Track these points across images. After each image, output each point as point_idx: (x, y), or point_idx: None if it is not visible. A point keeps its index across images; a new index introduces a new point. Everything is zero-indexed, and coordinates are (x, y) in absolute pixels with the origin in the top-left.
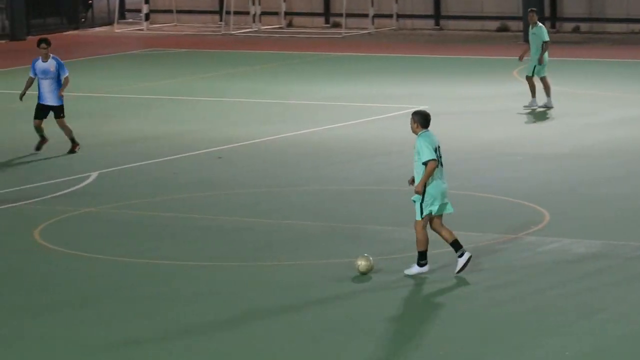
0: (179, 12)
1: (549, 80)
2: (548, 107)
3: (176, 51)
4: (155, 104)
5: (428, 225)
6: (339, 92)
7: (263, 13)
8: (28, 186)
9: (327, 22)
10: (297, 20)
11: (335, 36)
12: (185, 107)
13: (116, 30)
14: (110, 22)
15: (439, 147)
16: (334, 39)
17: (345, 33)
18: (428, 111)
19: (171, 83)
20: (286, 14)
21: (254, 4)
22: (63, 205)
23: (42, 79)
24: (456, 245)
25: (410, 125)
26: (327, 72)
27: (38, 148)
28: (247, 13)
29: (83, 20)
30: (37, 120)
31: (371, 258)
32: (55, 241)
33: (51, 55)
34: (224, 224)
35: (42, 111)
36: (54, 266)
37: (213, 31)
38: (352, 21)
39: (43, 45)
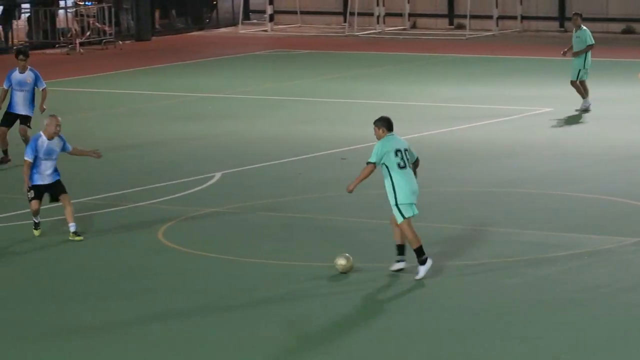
0: (303, 13)
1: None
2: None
3: (300, 52)
4: (279, 104)
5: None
6: (462, 94)
7: (387, 14)
8: (152, 186)
9: (450, 23)
10: (420, 21)
11: (459, 38)
12: (308, 108)
13: (240, 31)
14: (234, 23)
15: (405, 149)
16: (457, 41)
17: (469, 35)
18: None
19: (295, 84)
20: (410, 15)
21: (377, 5)
22: (187, 205)
23: (17, 90)
24: (401, 249)
25: (375, 134)
26: (450, 73)
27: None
28: (371, 14)
29: (208, 21)
30: (2, 128)
31: (351, 258)
32: (178, 241)
33: (29, 67)
34: (349, 225)
35: (9, 119)
36: (179, 266)
37: (337, 32)
38: (476, 23)
39: (21, 57)
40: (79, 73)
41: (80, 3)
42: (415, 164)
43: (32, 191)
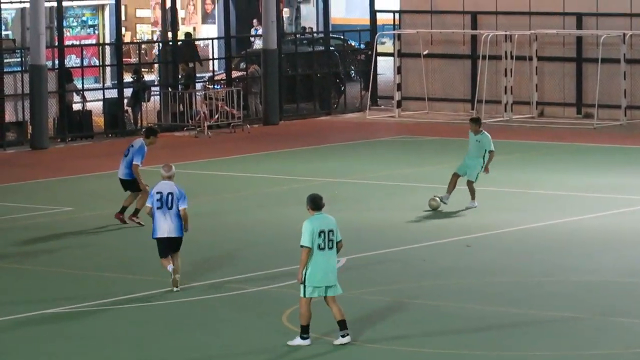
0: (431, 99)
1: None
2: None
3: (427, 139)
4: (405, 190)
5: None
6: (588, 183)
7: (515, 102)
8: (279, 269)
9: (578, 112)
10: (548, 109)
11: (586, 127)
12: (433, 194)
13: (368, 117)
14: (362, 109)
15: (329, 230)
16: (585, 130)
17: (597, 124)
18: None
19: (421, 170)
20: (538, 103)
21: (505, 93)
22: None
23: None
24: (342, 325)
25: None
26: (577, 162)
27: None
28: (499, 102)
29: (335, 106)
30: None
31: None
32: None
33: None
34: (471, 312)
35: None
36: (301, 351)
37: (464, 119)
38: (604, 112)
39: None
40: (207, 156)
41: (209, 87)
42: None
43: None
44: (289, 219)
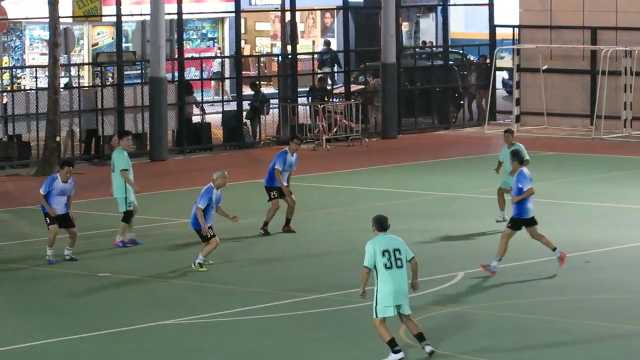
0: (549, 114)
1: None
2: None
3: (545, 154)
4: None
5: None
6: None
7: (634, 118)
8: None
9: None
10: None
11: None
12: (550, 210)
13: (486, 132)
14: (480, 123)
15: (396, 249)
16: None
17: None
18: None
19: (539, 186)
20: None
21: (625, 108)
22: (429, 303)
23: (287, 171)
24: (420, 337)
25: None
26: None
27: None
28: (618, 118)
29: (454, 120)
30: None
31: None
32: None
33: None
34: (589, 328)
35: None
36: None
37: (583, 135)
38: None
39: (296, 141)
40: (325, 169)
41: (328, 100)
42: (412, 263)
43: (210, 230)
44: (403, 234)
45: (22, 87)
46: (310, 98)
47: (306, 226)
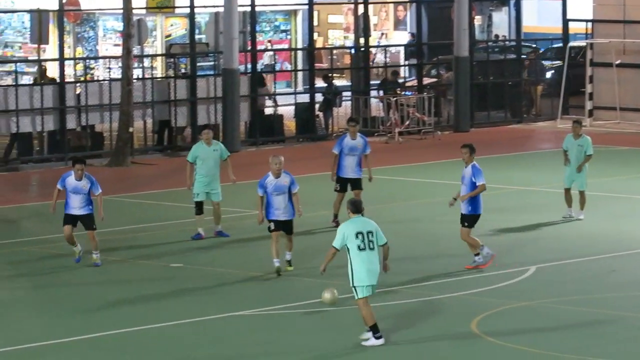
0: (622, 109)
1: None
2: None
3: (618, 148)
4: (595, 201)
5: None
6: None
7: None
8: (467, 277)
9: None
10: None
11: None
12: (625, 206)
13: (559, 126)
14: (553, 117)
15: (369, 232)
16: None
17: None
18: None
19: (612, 180)
20: None
21: None
22: (501, 297)
23: (347, 155)
24: (374, 329)
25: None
26: None
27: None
28: None
29: (526, 114)
30: (341, 194)
31: (335, 291)
32: (492, 333)
33: (359, 134)
34: None
35: (342, 185)
36: (491, 359)
37: None
38: None
39: (352, 123)
40: (396, 162)
41: (400, 93)
42: (384, 248)
43: (271, 224)
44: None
45: (95, 78)
46: (382, 91)
47: (379, 218)
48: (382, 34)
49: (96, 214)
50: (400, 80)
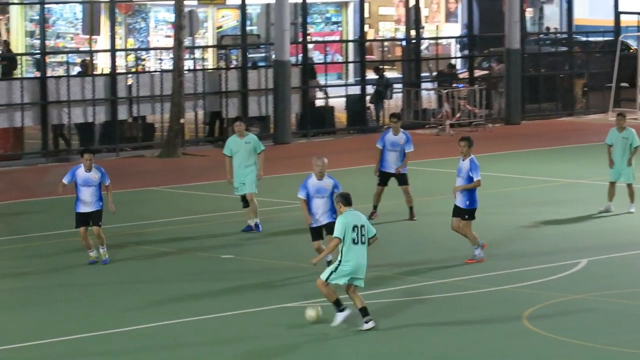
0: None
1: None
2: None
3: None
4: None
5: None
6: None
7: None
8: (519, 270)
9: None
10: None
11: None
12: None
13: (610, 118)
14: (605, 110)
15: (361, 226)
16: None
17: None
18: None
19: None
20: None
21: None
22: (552, 290)
23: (390, 150)
24: (363, 311)
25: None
26: None
27: None
28: None
29: (579, 106)
30: (380, 187)
31: (319, 308)
32: (543, 326)
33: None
34: None
35: (383, 179)
36: (544, 353)
37: None
38: None
39: (394, 119)
40: (446, 154)
41: (453, 85)
42: (371, 239)
43: (311, 234)
44: (520, 220)
45: (147, 69)
46: (436, 83)
47: (426, 210)
48: (422, 27)
49: (106, 209)
50: (455, 72)
